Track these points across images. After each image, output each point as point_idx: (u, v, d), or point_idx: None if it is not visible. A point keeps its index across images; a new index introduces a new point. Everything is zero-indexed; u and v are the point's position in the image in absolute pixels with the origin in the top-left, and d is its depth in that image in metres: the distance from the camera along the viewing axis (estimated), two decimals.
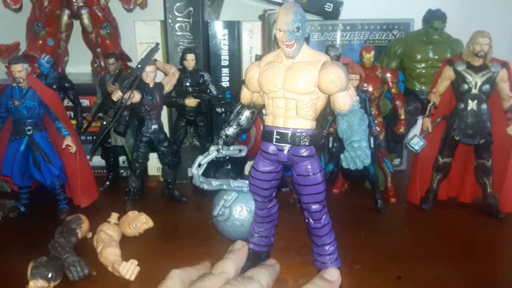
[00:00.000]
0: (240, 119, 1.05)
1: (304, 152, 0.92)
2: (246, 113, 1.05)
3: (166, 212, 1.40)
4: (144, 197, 1.52)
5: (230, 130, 1.06)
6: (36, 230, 1.28)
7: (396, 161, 1.76)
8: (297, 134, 0.91)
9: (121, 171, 1.70)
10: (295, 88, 0.89)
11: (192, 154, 1.64)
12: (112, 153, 1.61)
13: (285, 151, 0.93)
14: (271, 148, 0.94)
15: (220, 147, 1.05)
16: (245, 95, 1.02)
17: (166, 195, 1.50)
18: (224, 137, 1.05)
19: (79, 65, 1.97)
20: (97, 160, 1.66)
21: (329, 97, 0.91)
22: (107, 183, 1.61)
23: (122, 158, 1.67)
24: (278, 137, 0.93)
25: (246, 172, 1.67)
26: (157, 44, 1.37)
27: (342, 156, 0.87)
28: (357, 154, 0.85)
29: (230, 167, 1.64)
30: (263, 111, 1.01)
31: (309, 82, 0.88)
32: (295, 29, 0.86)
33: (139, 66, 1.29)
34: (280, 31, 0.87)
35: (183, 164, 1.59)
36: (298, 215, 1.32)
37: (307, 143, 0.92)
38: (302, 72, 0.88)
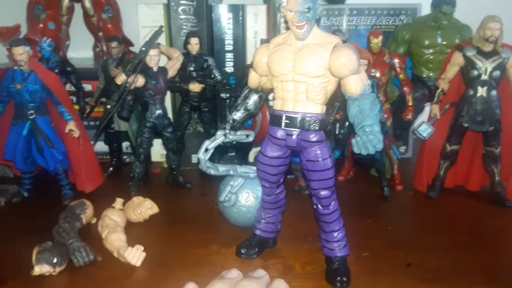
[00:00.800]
0: (247, 103, 1.03)
1: (313, 137, 0.90)
2: (254, 97, 1.03)
3: (171, 198, 1.39)
4: (148, 183, 1.50)
5: (238, 115, 1.04)
6: (39, 215, 1.27)
7: (402, 148, 1.75)
8: (306, 118, 0.89)
9: (124, 157, 1.68)
10: (305, 71, 0.86)
11: (196, 140, 1.62)
12: (115, 139, 1.59)
13: (294, 136, 0.91)
14: (280, 133, 0.93)
15: (227, 131, 1.03)
16: (253, 79, 1.00)
17: (170, 182, 1.49)
18: (231, 121, 1.03)
19: (81, 49, 1.94)
20: (100, 146, 1.65)
21: (339, 81, 0.89)
22: (110, 169, 1.60)
23: (125, 144, 1.66)
24: (288, 121, 0.91)
25: (251, 159, 1.65)
26: (161, 26, 1.34)
27: (353, 141, 0.85)
28: (369, 139, 0.83)
29: (235, 154, 1.63)
30: (269, 96, 0.99)
31: (319, 64, 0.86)
32: (306, 10, 0.84)
33: (143, 49, 1.26)
34: (290, 11, 0.85)
35: (187, 150, 1.58)
36: (304, 202, 1.31)
37: (316, 128, 0.90)
38: (312, 54, 0.86)
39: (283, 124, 0.91)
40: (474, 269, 1.00)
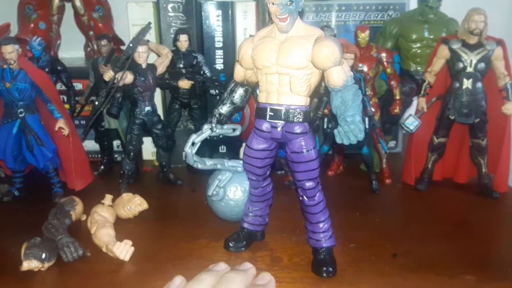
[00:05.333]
0: (233, 97, 1.04)
1: (298, 128, 0.91)
2: (240, 91, 1.04)
3: (161, 195, 1.40)
4: (139, 181, 1.51)
5: (224, 109, 1.05)
6: (30, 213, 1.27)
7: (392, 143, 1.76)
8: (290, 110, 0.90)
9: (116, 155, 1.69)
10: (289, 63, 0.87)
11: (186, 137, 1.61)
12: (106, 137, 1.60)
13: (279, 128, 0.92)
14: (265, 126, 0.94)
15: (213, 125, 1.04)
16: (239, 72, 1.00)
17: (161, 179, 1.50)
18: (217, 115, 1.04)
19: (72, 49, 1.94)
20: (91, 145, 1.65)
21: (323, 73, 0.90)
22: (102, 167, 1.60)
23: (116, 143, 1.66)
24: (272, 113, 0.92)
25: (241, 155, 1.66)
26: (149, 23, 1.35)
27: (335, 131, 0.86)
28: (351, 129, 0.84)
29: (225, 151, 1.64)
30: (257, 90, 1.00)
31: (302, 56, 0.87)
32: (288, 2, 0.85)
33: (131, 45, 1.27)
34: (273, 4, 0.86)
35: (178, 148, 1.58)
36: (293, 197, 1.31)
37: (300, 120, 0.91)
38: (295, 46, 0.87)
39: (267, 116, 0.92)
40: (460, 258, 1.01)
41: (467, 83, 1.29)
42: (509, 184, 1.38)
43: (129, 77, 1.28)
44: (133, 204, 1.22)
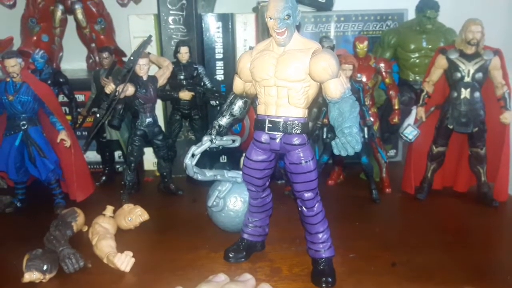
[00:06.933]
0: (233, 109, 1.05)
1: (296, 140, 0.92)
2: (239, 103, 1.05)
3: (162, 206, 1.41)
4: (140, 191, 1.52)
5: (223, 120, 1.06)
6: (32, 225, 1.28)
7: (391, 152, 1.77)
8: (289, 122, 0.92)
9: (117, 166, 1.70)
10: (286, 76, 0.89)
11: (187, 148, 1.62)
12: (108, 148, 1.61)
13: (277, 140, 0.93)
14: (264, 137, 0.95)
15: (213, 137, 1.05)
16: (238, 85, 1.02)
17: (162, 189, 1.51)
18: (217, 127, 1.06)
19: (74, 61, 1.97)
20: (93, 155, 1.67)
21: (320, 85, 0.91)
22: (103, 178, 1.61)
23: (117, 154, 1.67)
24: (270, 125, 0.93)
25: (242, 165, 1.67)
26: (150, 36, 1.37)
27: (333, 142, 0.87)
28: (348, 140, 0.85)
29: (226, 161, 1.65)
30: (256, 102, 1.01)
31: (300, 69, 0.88)
32: (286, 17, 0.87)
33: (132, 58, 1.29)
34: (271, 18, 0.87)
35: (179, 158, 1.59)
36: (292, 207, 1.31)
37: (299, 131, 0.92)
38: (293, 59, 0.89)
39: (266, 128, 0.94)
40: (459, 267, 1.02)
41: (465, 93, 1.30)
42: (509, 192, 1.38)
43: (130, 89, 1.29)
44: (134, 215, 1.23)
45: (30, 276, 0.96)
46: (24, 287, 0.96)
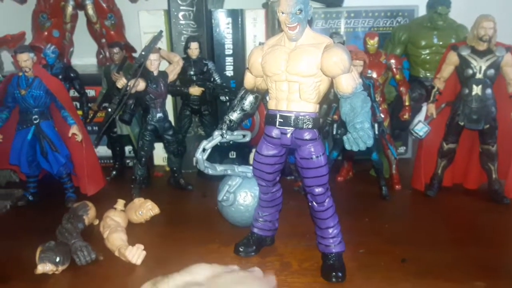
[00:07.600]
0: (243, 104, 1.06)
1: (307, 135, 0.92)
2: (250, 98, 1.06)
3: (172, 200, 1.41)
4: (150, 186, 1.53)
5: (234, 115, 1.07)
6: (43, 218, 1.29)
7: (402, 149, 1.76)
8: (300, 117, 0.92)
9: (127, 161, 1.71)
10: (298, 71, 0.89)
11: (197, 143, 1.62)
12: (118, 143, 1.62)
13: (288, 135, 0.94)
14: (275, 132, 0.95)
15: (224, 131, 1.06)
16: (248, 80, 1.02)
17: (172, 184, 1.52)
18: (228, 122, 1.06)
19: (85, 56, 1.98)
20: (104, 150, 1.68)
21: (332, 80, 0.91)
22: (114, 172, 1.63)
23: (128, 148, 1.68)
24: (281, 120, 0.93)
25: (251, 161, 1.67)
26: (161, 31, 1.37)
27: (344, 137, 0.87)
28: (360, 135, 0.85)
29: (235, 156, 1.65)
30: (266, 97, 1.02)
31: (312, 64, 0.88)
32: (298, 11, 0.87)
33: (143, 53, 1.30)
34: (283, 13, 0.87)
35: (189, 153, 1.59)
36: (302, 202, 1.32)
37: (310, 126, 0.92)
38: (305, 54, 0.89)
39: (277, 123, 0.94)
40: (469, 264, 1.01)
41: (476, 89, 1.29)
42: None
43: (141, 84, 1.30)
44: (145, 209, 1.24)
45: (43, 267, 0.97)
46: (37, 278, 0.97)
